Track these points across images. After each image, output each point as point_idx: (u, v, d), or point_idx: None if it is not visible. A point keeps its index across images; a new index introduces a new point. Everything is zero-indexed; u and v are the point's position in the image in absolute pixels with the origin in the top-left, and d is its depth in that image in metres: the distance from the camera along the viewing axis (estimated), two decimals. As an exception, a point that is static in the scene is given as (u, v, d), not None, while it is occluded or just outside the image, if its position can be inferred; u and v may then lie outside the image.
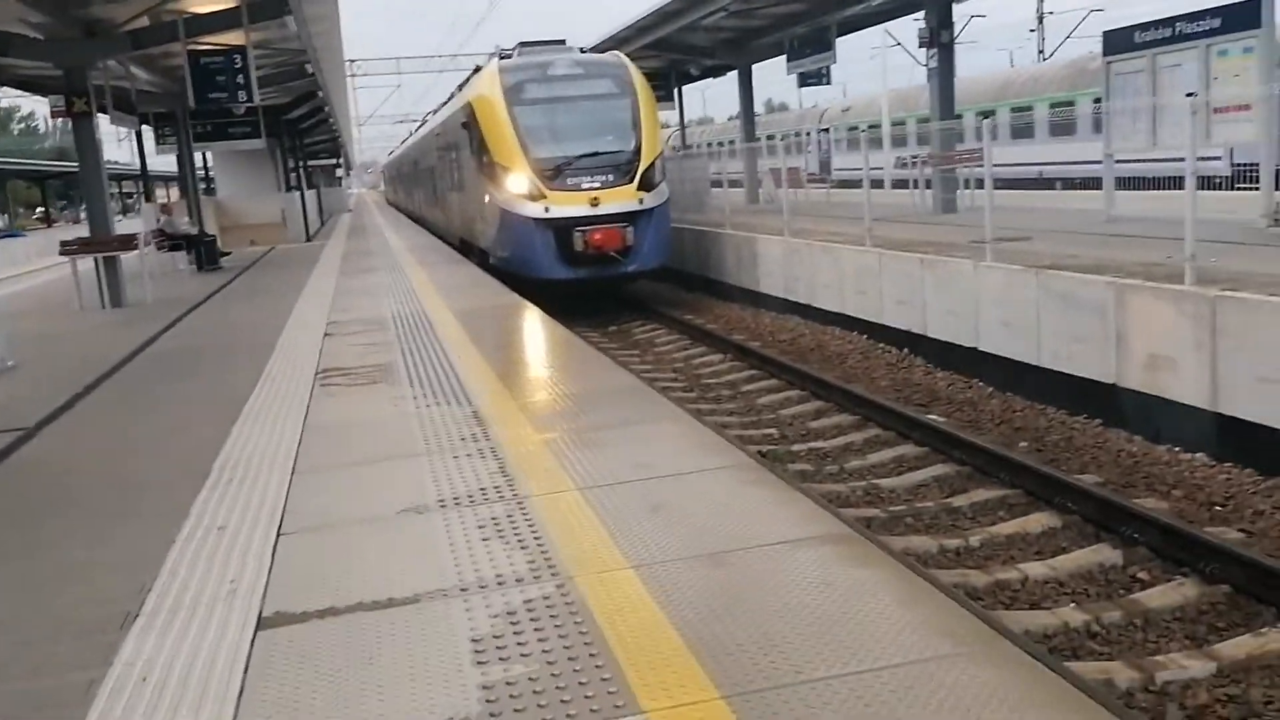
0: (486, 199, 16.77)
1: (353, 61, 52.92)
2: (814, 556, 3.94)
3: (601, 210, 15.29)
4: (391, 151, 64.78)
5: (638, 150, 15.92)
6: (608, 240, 15.16)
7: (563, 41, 18.81)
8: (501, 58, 17.57)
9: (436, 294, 12.98)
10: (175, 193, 44.95)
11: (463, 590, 3.83)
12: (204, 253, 19.60)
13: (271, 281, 16.96)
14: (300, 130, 33.85)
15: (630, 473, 5.11)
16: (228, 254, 21.24)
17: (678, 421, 6.19)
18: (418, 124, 42.43)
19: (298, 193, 29.25)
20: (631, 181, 15.59)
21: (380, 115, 76.62)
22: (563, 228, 15.21)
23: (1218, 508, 7.16)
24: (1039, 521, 7.09)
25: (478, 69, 20.14)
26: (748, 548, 4.07)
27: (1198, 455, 8.01)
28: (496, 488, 5.03)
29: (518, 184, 15.59)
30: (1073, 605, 5.92)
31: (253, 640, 3.57)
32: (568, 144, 15.82)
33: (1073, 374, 9.35)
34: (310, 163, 42.82)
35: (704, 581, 3.76)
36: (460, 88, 22.23)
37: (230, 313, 13.12)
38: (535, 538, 4.32)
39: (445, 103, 26.59)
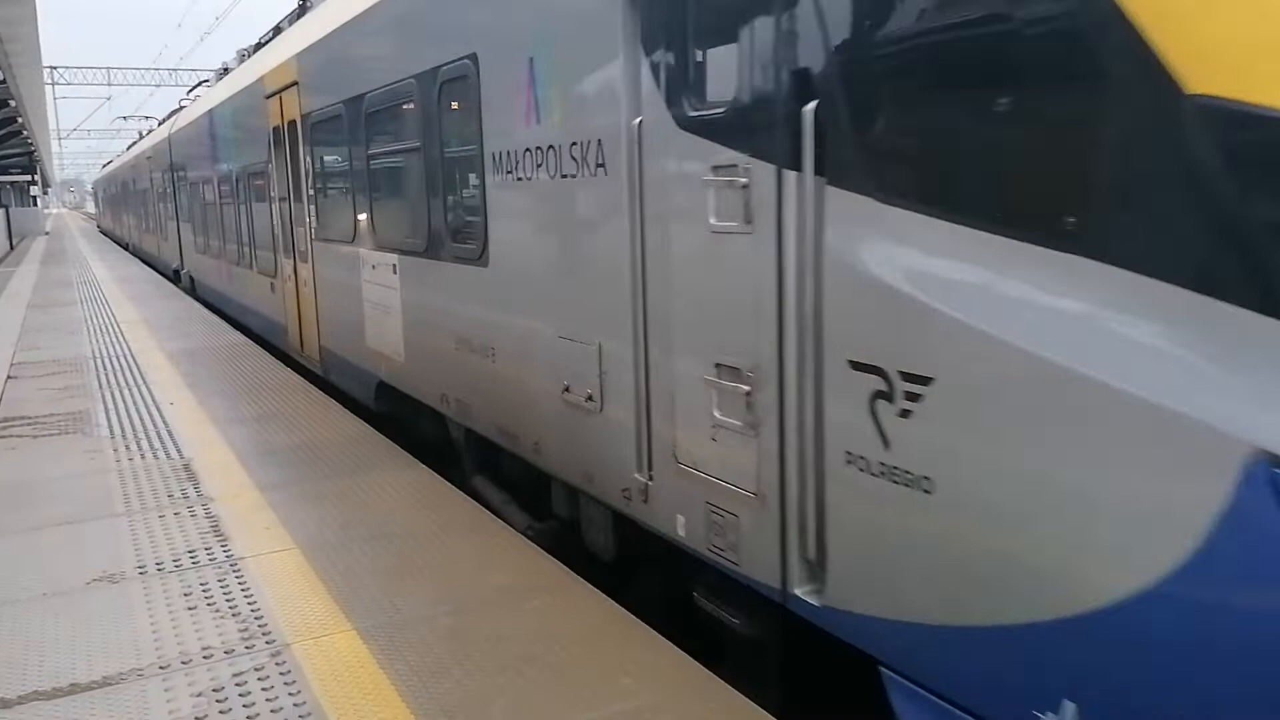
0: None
1: (54, 69, 48.46)
2: (536, 607, 3.95)
3: None
4: (109, 163, 50.33)
5: None
6: None
7: None
8: None
9: (147, 332, 12.00)
10: None
11: (163, 669, 3.52)
12: None
13: (-53, 314, 15.06)
14: (-14, 144, 30.51)
15: (356, 527, 4.92)
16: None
17: (410, 469, 6.03)
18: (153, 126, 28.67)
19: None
20: None
21: (86, 130, 70.21)
22: None
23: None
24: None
25: None
26: (485, 601, 4.02)
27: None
28: (207, 549, 4.69)
29: None
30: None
31: (-100, 745, 3.13)
32: None
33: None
34: None
35: (431, 638, 3.67)
36: None
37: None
38: (249, 603, 4.05)
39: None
